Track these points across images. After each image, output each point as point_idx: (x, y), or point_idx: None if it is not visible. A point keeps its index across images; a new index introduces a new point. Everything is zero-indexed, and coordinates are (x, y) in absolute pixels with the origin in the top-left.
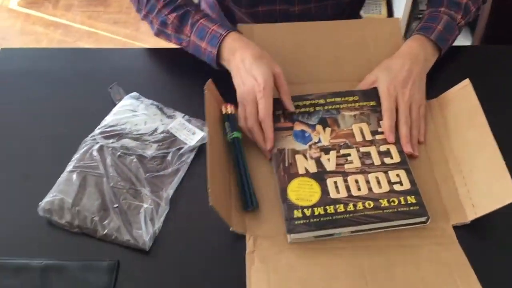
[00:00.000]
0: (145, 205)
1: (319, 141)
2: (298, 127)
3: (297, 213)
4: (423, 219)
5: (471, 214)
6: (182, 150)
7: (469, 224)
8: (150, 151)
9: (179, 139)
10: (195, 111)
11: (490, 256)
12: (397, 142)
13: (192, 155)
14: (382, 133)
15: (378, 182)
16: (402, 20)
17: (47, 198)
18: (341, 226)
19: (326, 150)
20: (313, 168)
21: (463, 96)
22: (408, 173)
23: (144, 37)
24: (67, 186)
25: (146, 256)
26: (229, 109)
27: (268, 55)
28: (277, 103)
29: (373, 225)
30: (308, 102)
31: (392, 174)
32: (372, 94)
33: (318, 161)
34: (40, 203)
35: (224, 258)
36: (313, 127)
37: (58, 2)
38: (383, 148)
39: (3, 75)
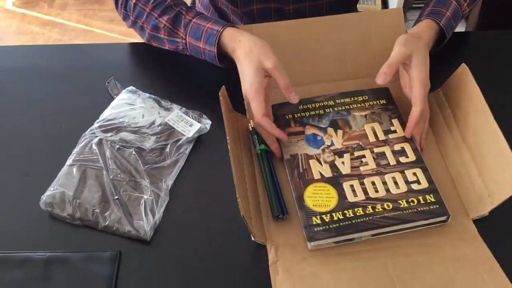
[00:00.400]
0: (145, 197)
1: (332, 144)
2: (310, 131)
3: (316, 220)
4: (443, 218)
5: (488, 204)
6: (180, 142)
7: (488, 216)
8: (149, 144)
9: (177, 130)
10: (192, 103)
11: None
12: (410, 140)
13: (190, 146)
14: (395, 131)
15: (396, 183)
16: None
17: (48, 192)
18: (362, 230)
19: (339, 154)
20: (328, 173)
21: (462, 82)
22: (425, 171)
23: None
24: (68, 180)
25: (147, 247)
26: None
27: (261, 47)
28: (286, 107)
29: (394, 227)
30: (317, 105)
31: (409, 173)
32: (382, 92)
33: (332, 165)
34: (42, 196)
35: (223, 247)
36: (324, 130)
37: (53, 1)
38: (397, 147)
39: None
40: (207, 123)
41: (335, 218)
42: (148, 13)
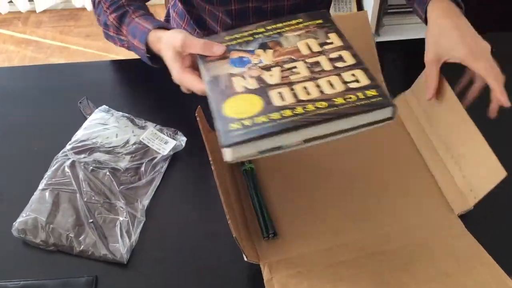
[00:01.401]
0: (120, 218)
1: (260, 62)
2: (235, 54)
3: (235, 125)
4: (388, 111)
5: (471, 199)
6: (155, 160)
7: (474, 210)
8: (123, 163)
9: (152, 149)
10: (166, 120)
11: (499, 238)
12: (350, 47)
13: (165, 165)
14: (331, 43)
15: (331, 84)
16: (373, 16)
17: (21, 218)
18: (289, 131)
19: (267, 68)
20: (253, 85)
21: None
22: (366, 71)
23: (116, 49)
24: (40, 205)
25: (124, 270)
26: None
27: (172, 36)
28: (212, 38)
29: (329, 125)
30: (246, 33)
31: (347, 75)
32: (318, 14)
33: (259, 78)
34: (14, 223)
35: (202, 267)
36: (252, 52)
37: (27, 19)
38: (334, 55)
39: None
40: (182, 139)
41: (258, 121)
42: (104, 11)
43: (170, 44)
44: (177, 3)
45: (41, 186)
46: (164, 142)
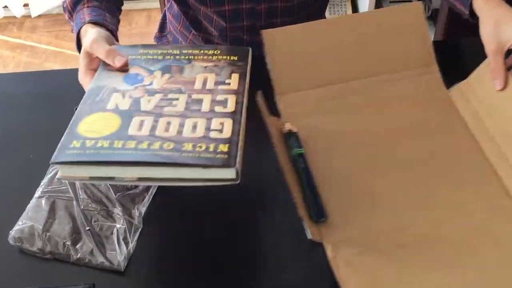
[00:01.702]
0: (117, 225)
1: (150, 84)
2: (134, 70)
3: (76, 143)
4: (230, 173)
5: None
6: None
7: None
8: None
9: None
10: None
11: None
12: (240, 93)
13: None
14: (228, 84)
15: (194, 127)
16: None
17: (17, 226)
18: (121, 164)
19: (152, 93)
20: (125, 106)
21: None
22: (236, 123)
23: None
24: (36, 213)
25: (122, 277)
26: (290, 126)
27: (94, 32)
28: (126, 49)
29: (163, 170)
30: (159, 51)
31: (216, 122)
32: (238, 51)
33: (136, 100)
34: (10, 231)
35: (200, 274)
36: (151, 72)
37: (22, 24)
38: (220, 97)
39: None
40: None
41: (99, 145)
42: None
43: (84, 42)
44: (173, 5)
45: (37, 193)
46: None
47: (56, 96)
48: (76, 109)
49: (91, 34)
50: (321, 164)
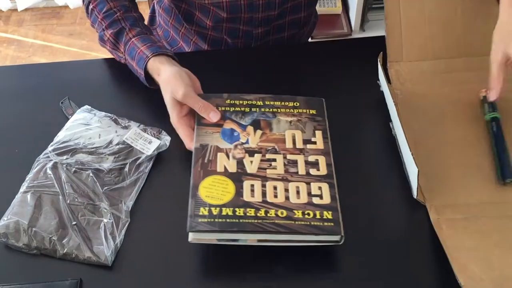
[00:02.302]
0: (104, 220)
1: (247, 142)
2: (228, 125)
3: (203, 211)
4: (336, 237)
5: None
6: (139, 160)
7: None
8: (107, 164)
9: (136, 149)
10: (150, 120)
11: None
12: (328, 154)
13: (150, 165)
14: (314, 143)
15: (298, 192)
16: (357, 11)
17: (2, 222)
18: (247, 232)
19: (251, 153)
20: (232, 168)
21: None
22: (331, 187)
23: (100, 47)
24: (22, 208)
25: (109, 272)
26: (485, 93)
27: (172, 80)
28: (213, 99)
29: (282, 236)
30: (245, 102)
31: (314, 186)
32: (314, 102)
33: (240, 162)
34: None
35: (188, 268)
36: (244, 127)
37: (9, 18)
38: (311, 158)
39: None
40: (166, 139)
41: (224, 213)
42: (99, 22)
43: (169, 90)
44: None
45: (23, 188)
46: (148, 142)
47: (41, 90)
48: (62, 103)
49: (172, 83)
50: (431, 133)
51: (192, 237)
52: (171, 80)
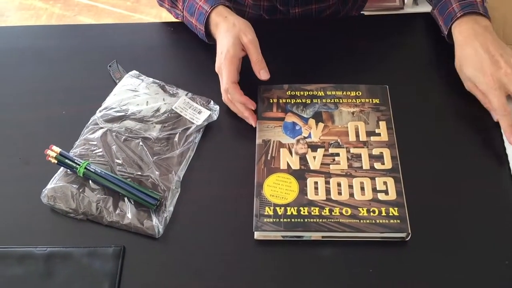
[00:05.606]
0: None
1: (309, 136)
2: (290, 118)
3: (269, 210)
4: (402, 234)
5: None
6: (189, 131)
7: None
8: (154, 133)
9: (184, 118)
10: (198, 88)
11: None
12: (392, 146)
13: (199, 135)
14: (379, 134)
15: (362, 188)
16: None
17: (50, 185)
18: (312, 231)
19: (314, 147)
20: (295, 165)
21: None
22: (397, 181)
23: (145, 8)
24: (71, 174)
25: (154, 242)
26: None
27: (243, 23)
28: (273, 91)
29: (346, 234)
30: (306, 93)
31: (379, 181)
32: (378, 90)
33: (303, 158)
34: (43, 190)
35: (232, 242)
36: (306, 120)
37: None
38: (376, 151)
39: None
40: (215, 109)
41: (289, 213)
42: None
43: (236, 31)
44: None
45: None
46: (198, 112)
47: (89, 52)
48: (110, 66)
49: (241, 22)
50: None
51: (257, 235)
52: (241, 24)
